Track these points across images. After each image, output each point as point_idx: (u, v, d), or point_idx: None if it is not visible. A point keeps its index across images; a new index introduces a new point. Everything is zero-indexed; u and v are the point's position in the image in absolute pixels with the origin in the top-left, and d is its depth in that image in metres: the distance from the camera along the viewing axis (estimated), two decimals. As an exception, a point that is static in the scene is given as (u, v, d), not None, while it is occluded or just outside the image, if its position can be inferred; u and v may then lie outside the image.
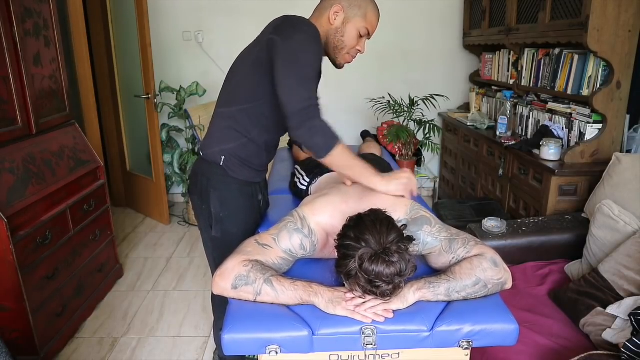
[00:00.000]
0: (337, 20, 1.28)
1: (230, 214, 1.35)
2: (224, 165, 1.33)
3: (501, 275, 1.04)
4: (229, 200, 1.35)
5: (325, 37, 1.30)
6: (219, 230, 1.36)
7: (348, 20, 1.28)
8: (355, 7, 1.28)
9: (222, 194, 1.34)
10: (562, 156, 2.06)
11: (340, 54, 1.33)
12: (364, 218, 0.98)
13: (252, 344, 0.96)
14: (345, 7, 1.27)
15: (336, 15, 1.28)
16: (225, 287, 1.03)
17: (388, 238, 0.93)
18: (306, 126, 1.14)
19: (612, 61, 1.93)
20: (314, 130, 1.15)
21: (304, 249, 1.13)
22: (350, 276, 0.95)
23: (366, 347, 0.96)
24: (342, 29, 1.29)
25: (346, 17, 1.28)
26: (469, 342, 0.98)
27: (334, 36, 1.30)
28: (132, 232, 3.26)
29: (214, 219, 1.35)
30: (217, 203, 1.34)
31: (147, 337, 2.09)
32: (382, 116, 3.30)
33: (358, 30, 1.29)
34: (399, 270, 0.91)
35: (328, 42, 1.31)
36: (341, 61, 1.35)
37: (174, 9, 3.39)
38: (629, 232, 1.55)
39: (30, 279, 1.74)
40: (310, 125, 1.15)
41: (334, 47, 1.31)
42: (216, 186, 1.34)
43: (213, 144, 1.35)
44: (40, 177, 1.87)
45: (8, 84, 1.78)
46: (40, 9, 1.99)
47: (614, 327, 1.31)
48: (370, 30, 1.31)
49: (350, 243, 0.94)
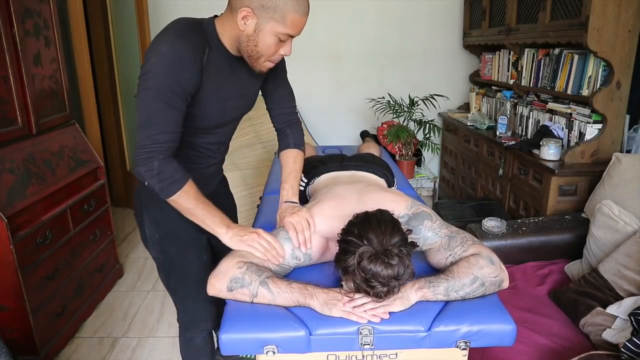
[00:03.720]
0: (247, 27, 1.03)
1: (166, 235, 1.26)
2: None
3: (497, 273, 1.03)
4: (162, 220, 1.25)
5: (237, 41, 1.09)
6: (157, 251, 1.28)
7: (261, 27, 1.03)
8: (269, 9, 1.00)
9: (154, 215, 1.25)
10: (562, 156, 2.06)
11: (258, 63, 1.10)
12: (371, 217, 0.99)
13: (250, 344, 0.96)
14: (255, 8, 1.00)
15: (245, 20, 1.03)
16: (221, 289, 1.03)
17: (391, 240, 0.93)
18: (145, 165, 1.04)
19: (612, 61, 1.93)
20: (152, 173, 1.04)
21: (296, 258, 1.13)
22: (347, 272, 0.95)
23: (363, 347, 0.96)
24: (254, 37, 1.04)
25: (258, 22, 1.02)
26: (466, 343, 0.97)
27: (246, 44, 1.07)
28: (132, 232, 3.26)
29: (149, 241, 1.29)
30: (151, 224, 1.27)
31: (147, 337, 2.09)
32: (382, 116, 3.30)
33: (276, 36, 1.04)
34: (396, 274, 0.91)
35: (241, 48, 1.09)
36: (261, 69, 1.12)
37: (174, 9, 3.39)
38: (628, 232, 1.55)
39: (30, 279, 1.74)
40: (149, 166, 1.04)
41: (248, 55, 1.09)
42: (147, 206, 1.26)
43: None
44: (40, 177, 1.87)
45: (8, 84, 1.78)
46: (40, 9, 2.00)
47: (613, 327, 1.30)
48: (293, 33, 1.05)
49: (352, 239, 0.94)
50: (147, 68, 1.04)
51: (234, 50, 1.13)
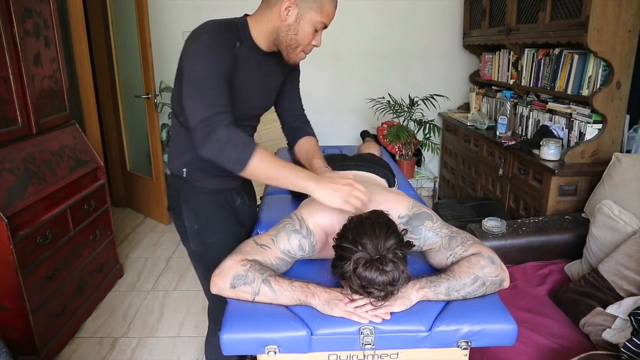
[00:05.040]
0: (289, 17, 1.13)
1: (205, 225, 1.29)
2: (187, 177, 1.26)
3: (498, 273, 1.04)
4: (200, 211, 1.28)
5: (275, 34, 1.16)
6: (197, 243, 1.30)
7: (302, 17, 1.12)
8: (309, 0, 1.11)
9: (193, 207, 1.28)
10: (562, 156, 2.06)
11: (294, 53, 1.19)
12: (364, 220, 0.98)
13: (251, 343, 0.96)
14: (297, 0, 1.11)
15: (288, 10, 1.12)
16: (224, 287, 1.03)
17: (385, 244, 0.93)
18: (211, 139, 1.01)
19: (612, 61, 1.93)
20: (222, 142, 1.01)
21: (302, 249, 1.13)
22: (344, 278, 0.95)
23: (365, 347, 0.96)
24: (295, 26, 1.14)
25: (300, 12, 1.12)
26: (467, 342, 0.97)
27: (286, 34, 1.15)
28: (132, 232, 3.26)
29: (189, 232, 1.30)
30: (190, 216, 1.28)
31: (147, 337, 2.09)
32: (382, 116, 3.30)
33: (314, 25, 1.14)
34: (392, 280, 0.91)
35: (279, 39, 1.17)
36: (295, 60, 1.21)
37: (174, 9, 3.39)
38: (628, 232, 1.55)
39: (30, 279, 1.74)
40: (216, 137, 1.01)
41: (287, 45, 1.17)
42: (186, 199, 1.28)
43: (173, 156, 1.30)
44: (40, 177, 1.87)
45: (8, 84, 1.78)
46: (40, 9, 2.00)
47: (613, 327, 1.30)
48: (327, 23, 1.16)
49: (347, 245, 0.94)
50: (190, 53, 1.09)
51: (264, 46, 1.21)
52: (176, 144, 1.29)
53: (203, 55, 1.08)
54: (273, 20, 1.15)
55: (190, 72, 1.08)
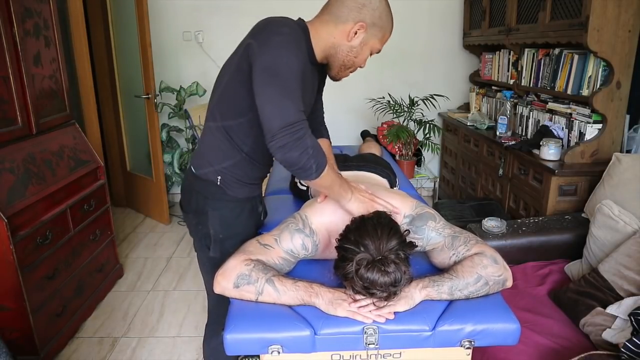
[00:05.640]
0: (356, 39, 1.11)
1: (231, 235, 1.25)
2: (222, 184, 1.21)
3: (501, 272, 1.04)
4: (230, 220, 1.25)
5: (334, 49, 1.14)
6: (217, 250, 1.26)
7: (366, 42, 1.13)
8: (377, 28, 1.12)
9: (222, 214, 1.24)
10: (562, 156, 2.06)
11: (344, 72, 1.20)
12: (367, 221, 0.99)
13: (254, 343, 0.96)
14: (368, 26, 1.10)
15: (357, 33, 1.11)
16: (227, 286, 1.03)
17: (387, 245, 0.93)
18: (298, 145, 0.97)
19: (612, 61, 1.94)
20: (308, 151, 0.98)
21: (305, 249, 1.13)
22: (347, 278, 0.95)
23: (368, 346, 0.97)
24: (357, 49, 1.13)
25: (365, 37, 1.12)
26: (470, 342, 0.98)
27: (346, 54, 1.14)
28: (132, 232, 3.25)
29: (212, 240, 1.26)
30: (217, 224, 1.24)
31: (147, 337, 2.09)
32: (382, 116, 3.31)
33: (371, 51, 1.16)
34: (394, 281, 0.91)
35: (335, 56, 1.15)
36: (341, 77, 1.22)
37: (173, 9, 3.39)
38: (628, 232, 1.55)
39: (30, 279, 1.74)
40: (304, 145, 0.98)
41: (341, 64, 1.17)
42: (215, 206, 1.23)
43: (206, 163, 1.22)
44: (40, 177, 1.87)
45: (8, 84, 1.78)
46: (40, 9, 1.99)
47: (613, 327, 1.31)
48: (380, 49, 1.19)
49: (349, 246, 0.95)
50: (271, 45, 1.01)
51: (318, 57, 1.17)
52: (212, 150, 1.22)
53: (288, 50, 1.02)
54: (337, 37, 1.12)
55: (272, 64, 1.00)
